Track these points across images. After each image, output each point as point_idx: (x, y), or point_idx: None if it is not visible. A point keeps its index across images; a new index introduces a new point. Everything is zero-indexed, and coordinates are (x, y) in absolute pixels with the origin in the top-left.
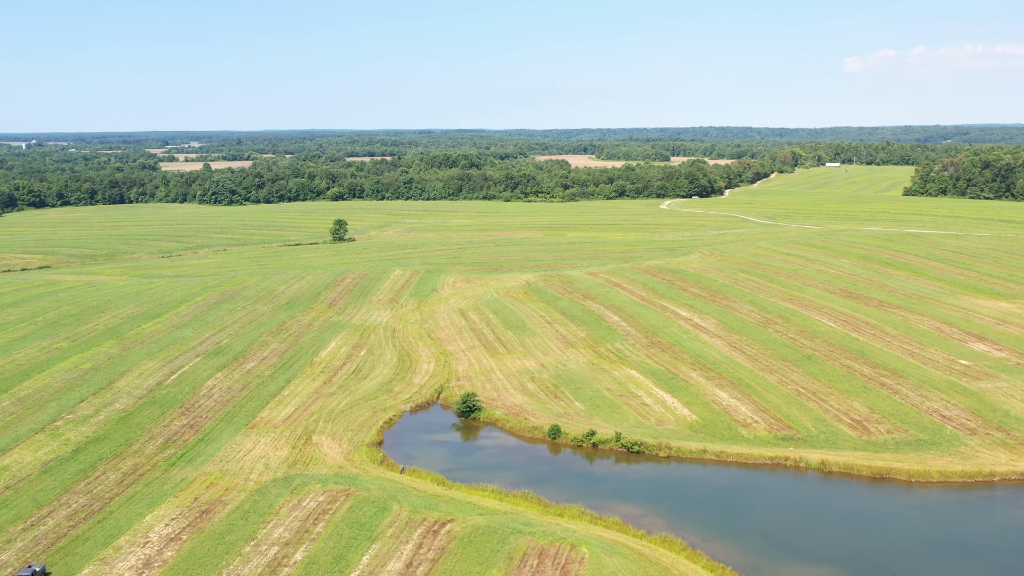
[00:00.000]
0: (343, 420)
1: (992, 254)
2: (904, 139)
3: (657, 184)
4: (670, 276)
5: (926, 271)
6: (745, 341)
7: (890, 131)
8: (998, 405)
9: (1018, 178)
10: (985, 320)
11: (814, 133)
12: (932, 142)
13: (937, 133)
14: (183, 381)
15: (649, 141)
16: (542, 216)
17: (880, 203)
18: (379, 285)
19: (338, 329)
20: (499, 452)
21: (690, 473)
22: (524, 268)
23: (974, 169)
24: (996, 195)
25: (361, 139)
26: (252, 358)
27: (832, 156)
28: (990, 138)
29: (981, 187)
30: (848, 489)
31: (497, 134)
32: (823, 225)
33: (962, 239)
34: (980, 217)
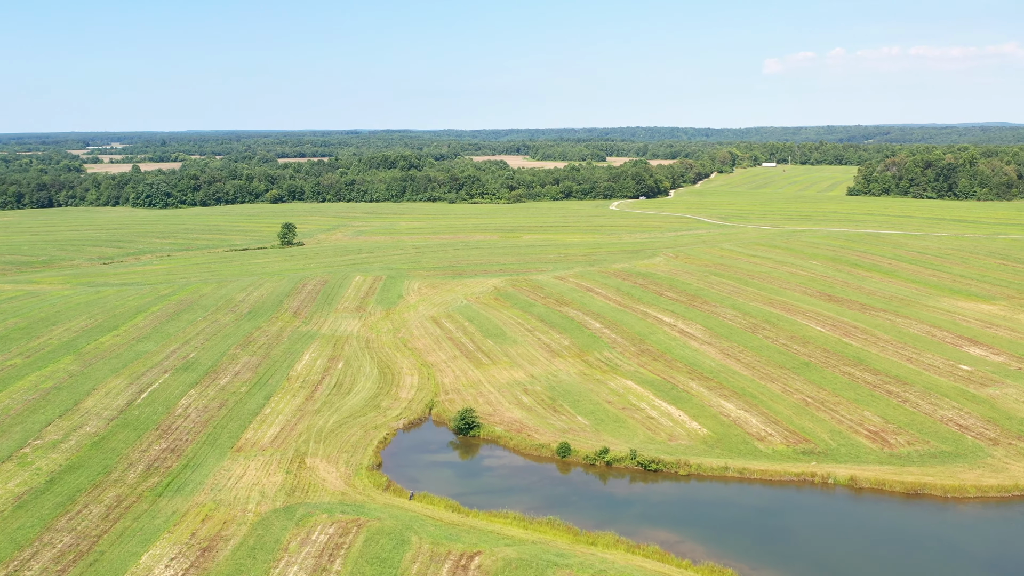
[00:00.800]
0: (335, 440)
1: (957, 254)
2: (828, 138)
3: (604, 185)
4: (641, 280)
5: (898, 272)
6: (737, 348)
7: (813, 131)
8: (1013, 413)
9: (960, 177)
10: (972, 323)
11: (740, 133)
12: (855, 141)
13: (859, 133)
14: (155, 400)
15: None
16: (492, 218)
17: (829, 203)
18: (342, 292)
19: (309, 340)
20: (508, 473)
21: (716, 492)
22: (488, 272)
23: (916, 169)
24: (939, 194)
25: (290, 140)
26: (224, 373)
27: (767, 156)
28: (911, 137)
29: (924, 186)
30: (886, 507)
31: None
32: (779, 226)
33: (922, 239)
34: (931, 217)
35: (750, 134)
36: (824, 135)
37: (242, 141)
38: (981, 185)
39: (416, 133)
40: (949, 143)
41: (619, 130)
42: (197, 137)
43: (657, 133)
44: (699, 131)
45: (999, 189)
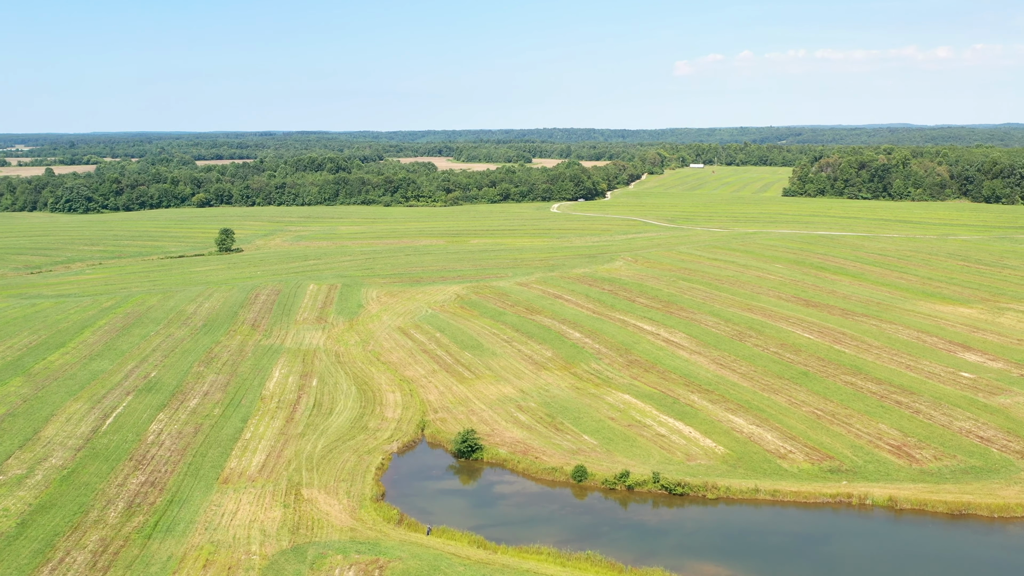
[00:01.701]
0: (328, 468)
1: (917, 256)
2: (742, 139)
3: (542, 187)
4: (608, 286)
5: (865, 275)
6: (729, 357)
7: (727, 132)
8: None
9: (894, 178)
10: (958, 328)
11: (656, 134)
12: (769, 141)
13: (772, 134)
14: (122, 426)
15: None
16: (434, 221)
17: (770, 205)
18: (298, 302)
19: (275, 355)
20: (524, 501)
21: (751, 517)
22: (447, 279)
23: (851, 170)
24: (873, 195)
25: (204, 142)
26: (192, 394)
27: (694, 157)
28: (822, 138)
29: (859, 187)
30: (934, 530)
31: (343, 136)
32: (728, 228)
33: (876, 241)
34: (877, 218)
35: (666, 135)
36: (738, 136)
37: (155, 143)
38: (915, 186)
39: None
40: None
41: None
42: (106, 139)
43: (574, 135)
44: (615, 132)
45: (933, 189)
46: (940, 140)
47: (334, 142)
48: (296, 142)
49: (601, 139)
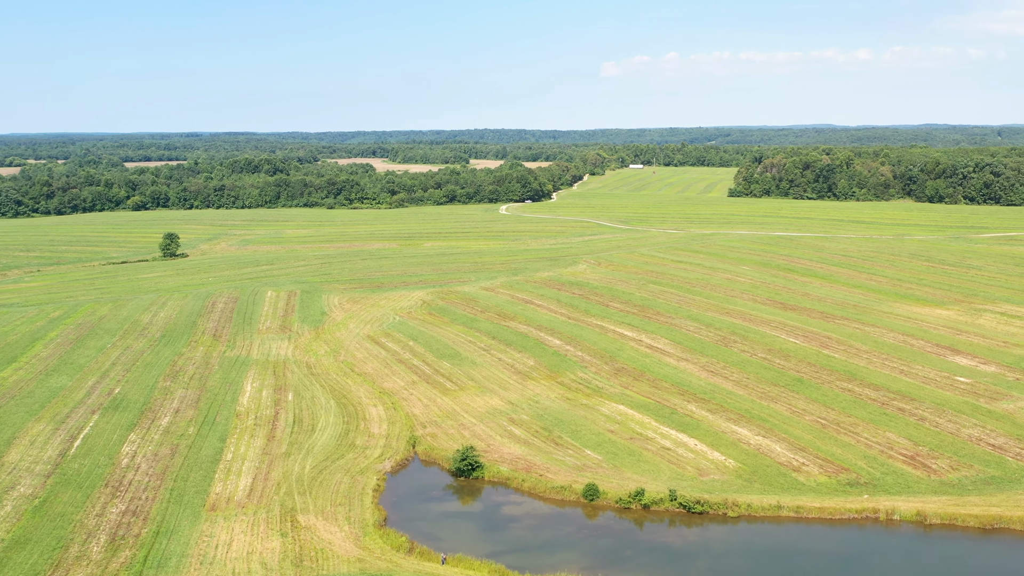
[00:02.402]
0: (322, 490)
1: (880, 257)
2: (672, 140)
3: (489, 188)
4: (578, 290)
5: (834, 277)
6: (718, 364)
7: (657, 132)
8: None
9: (839, 179)
10: (941, 330)
11: (586, 135)
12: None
13: (701, 134)
14: (92, 448)
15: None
16: (383, 224)
17: (720, 205)
18: (258, 310)
19: (243, 367)
20: (536, 523)
21: (779, 537)
22: (409, 284)
23: (796, 170)
24: (819, 195)
25: (130, 143)
26: (162, 411)
27: (633, 158)
28: (751, 139)
29: (804, 188)
30: (972, 546)
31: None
32: (684, 229)
33: (835, 241)
34: (829, 218)
35: (596, 135)
36: (668, 136)
37: (78, 144)
38: (859, 186)
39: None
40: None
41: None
42: (26, 140)
43: (506, 135)
44: (547, 133)
45: (877, 189)
46: (865, 140)
47: (264, 143)
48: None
49: (533, 139)
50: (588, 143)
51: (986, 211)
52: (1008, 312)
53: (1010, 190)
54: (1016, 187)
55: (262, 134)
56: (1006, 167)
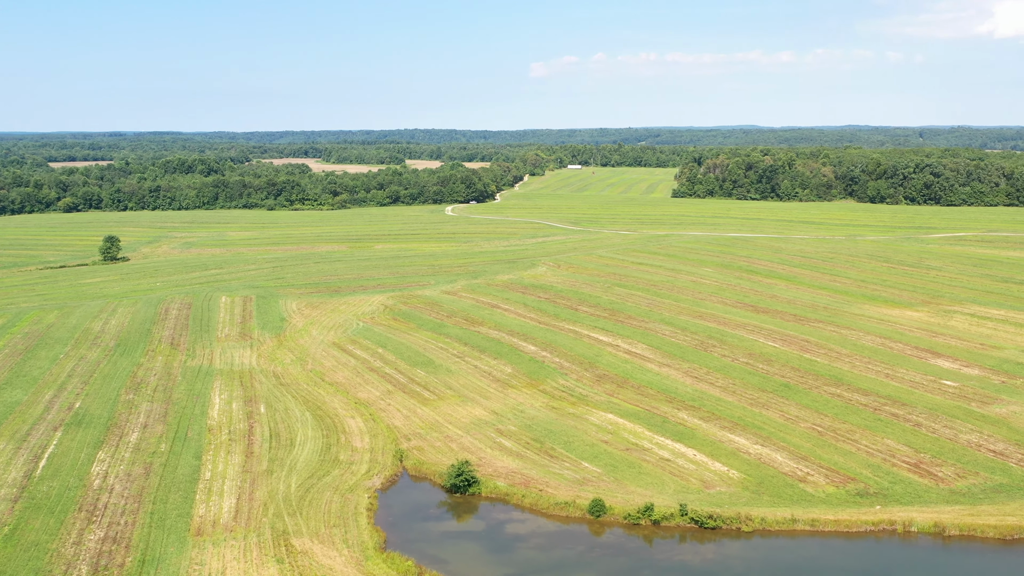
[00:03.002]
0: (312, 511)
1: (837, 258)
2: (602, 140)
3: (433, 189)
4: (542, 293)
5: (797, 279)
6: (701, 370)
7: (587, 133)
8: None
9: (782, 179)
10: (916, 333)
11: (517, 135)
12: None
13: (631, 135)
14: (59, 469)
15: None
16: (328, 226)
17: (668, 206)
18: (214, 316)
19: (207, 378)
20: (545, 543)
21: (799, 552)
22: (367, 288)
23: (739, 171)
24: (762, 196)
25: (52, 142)
26: (130, 427)
27: (571, 158)
28: (679, 139)
29: (747, 188)
30: (994, 558)
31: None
32: (636, 230)
33: (790, 242)
34: (778, 219)
35: (528, 136)
36: (599, 137)
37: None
38: (802, 186)
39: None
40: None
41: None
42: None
43: (437, 135)
44: (477, 133)
45: (819, 190)
46: (793, 141)
47: (191, 143)
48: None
49: (464, 140)
50: (520, 143)
51: (929, 211)
52: (977, 313)
53: (949, 191)
54: (955, 188)
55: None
56: (945, 168)
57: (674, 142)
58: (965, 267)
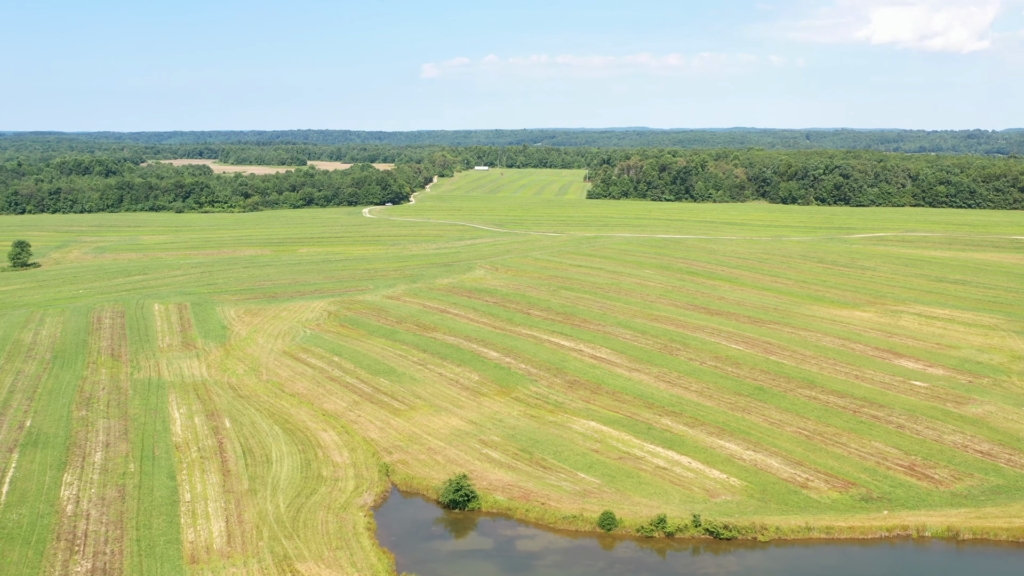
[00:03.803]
0: (309, 533)
1: (772, 259)
2: (497, 141)
3: (348, 191)
4: (489, 297)
5: (739, 280)
6: (672, 374)
7: (483, 134)
8: (1015, 433)
9: (696, 181)
10: (871, 333)
11: (412, 136)
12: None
13: (527, 136)
14: (26, 494)
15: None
16: (246, 229)
17: (588, 207)
18: (151, 325)
19: (160, 391)
20: (561, 559)
21: (822, 561)
22: (304, 294)
23: (653, 172)
24: (676, 197)
25: None
26: (91, 446)
27: (477, 159)
28: (575, 140)
29: (662, 189)
30: (1020, 561)
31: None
32: (563, 232)
33: (720, 243)
34: (703, 220)
35: (423, 137)
36: (494, 138)
37: None
38: (716, 188)
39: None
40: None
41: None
42: None
43: (331, 136)
44: (372, 134)
45: (733, 191)
46: (686, 143)
47: (78, 143)
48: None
49: (359, 140)
50: (417, 144)
51: (843, 212)
52: (923, 313)
53: (858, 192)
54: (864, 188)
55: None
56: (854, 169)
57: (570, 143)
58: (897, 267)
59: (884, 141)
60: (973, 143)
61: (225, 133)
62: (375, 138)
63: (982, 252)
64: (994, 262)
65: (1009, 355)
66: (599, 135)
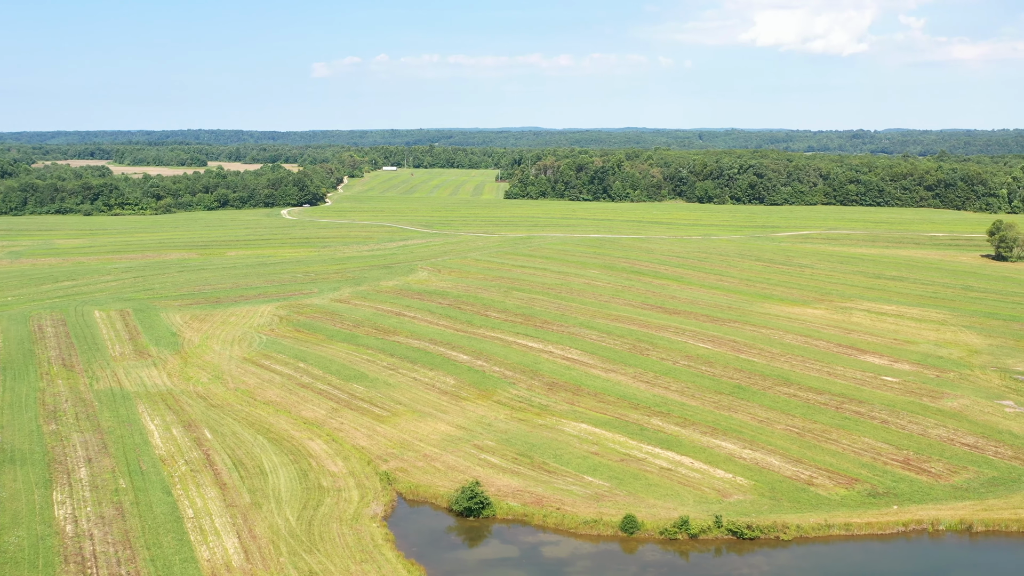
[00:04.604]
0: (329, 547)
1: (711, 258)
2: (393, 141)
3: (264, 192)
4: (440, 299)
5: (685, 279)
6: (648, 374)
7: (378, 134)
8: (994, 425)
9: (613, 181)
10: (829, 330)
11: (307, 136)
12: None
13: (423, 136)
14: (18, 516)
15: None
16: (167, 232)
17: (513, 207)
18: (97, 333)
19: (126, 402)
20: (592, 565)
21: (850, 558)
22: (248, 299)
23: (570, 172)
24: (594, 196)
25: None
26: (72, 462)
27: (383, 160)
28: (472, 141)
29: (580, 189)
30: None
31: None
32: (494, 233)
33: (654, 243)
34: (631, 219)
35: (317, 137)
36: (390, 138)
37: None
38: (633, 187)
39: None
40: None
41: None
42: None
43: (224, 136)
44: (266, 134)
45: (650, 190)
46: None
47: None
48: None
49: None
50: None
51: (763, 211)
52: (872, 310)
53: (772, 191)
54: (777, 187)
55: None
56: (768, 169)
57: (468, 143)
58: (833, 264)
59: (773, 141)
60: (858, 143)
61: (112, 133)
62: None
63: (905, 249)
64: (921, 259)
65: (966, 350)
66: (496, 135)
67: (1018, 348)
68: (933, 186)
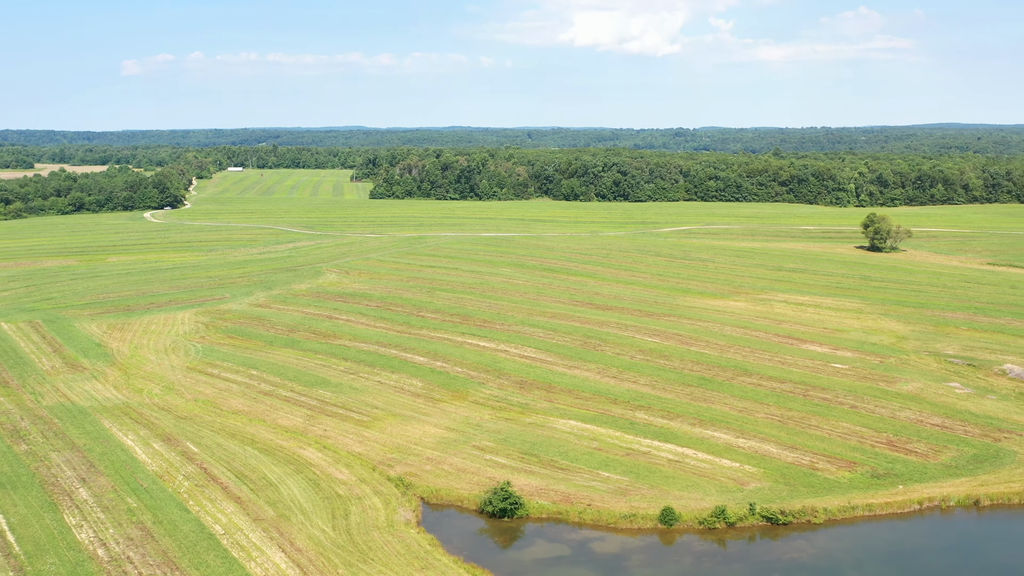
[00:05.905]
0: (382, 556)
1: (613, 255)
2: (218, 141)
3: (123, 195)
4: (365, 301)
5: (599, 276)
6: (611, 369)
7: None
8: (952, 405)
9: (480, 179)
10: (762, 321)
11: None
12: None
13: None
14: (39, 542)
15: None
16: (32, 238)
17: (386, 207)
18: (16, 347)
19: (86, 419)
20: (646, 559)
21: (880, 536)
22: (161, 306)
23: (436, 171)
24: (461, 195)
25: None
26: (66, 483)
27: (227, 160)
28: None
29: (446, 188)
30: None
31: None
32: (382, 233)
33: (549, 240)
34: (514, 218)
35: (137, 137)
36: (214, 138)
37: None
38: (499, 186)
39: None
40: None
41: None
42: None
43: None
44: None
45: (517, 188)
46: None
47: None
48: None
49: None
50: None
51: (637, 208)
52: (789, 301)
53: (636, 188)
54: (641, 184)
55: None
56: (631, 167)
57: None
58: (731, 258)
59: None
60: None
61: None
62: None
63: (784, 242)
64: (804, 251)
65: (893, 336)
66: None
67: (939, 333)
68: (787, 181)
